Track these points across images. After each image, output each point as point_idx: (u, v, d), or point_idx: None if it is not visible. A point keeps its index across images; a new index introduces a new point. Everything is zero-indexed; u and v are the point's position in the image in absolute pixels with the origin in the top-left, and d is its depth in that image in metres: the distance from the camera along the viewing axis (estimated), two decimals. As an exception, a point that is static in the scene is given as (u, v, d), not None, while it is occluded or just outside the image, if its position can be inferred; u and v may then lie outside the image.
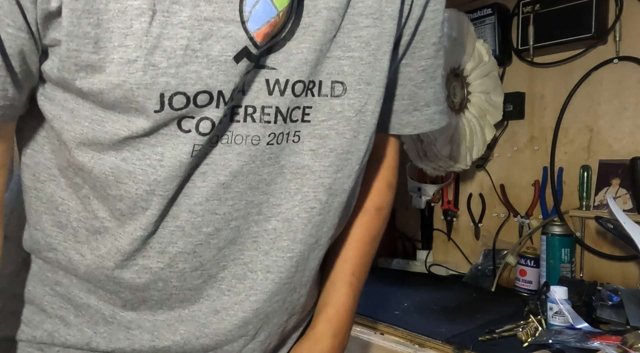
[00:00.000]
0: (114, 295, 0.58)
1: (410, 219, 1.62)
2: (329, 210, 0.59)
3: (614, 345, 0.78)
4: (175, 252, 0.55)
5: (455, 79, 1.17)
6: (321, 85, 0.55)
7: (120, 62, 0.46)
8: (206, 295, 0.59)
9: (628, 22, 1.14)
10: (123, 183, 0.51)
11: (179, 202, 0.54)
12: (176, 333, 0.59)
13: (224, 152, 0.53)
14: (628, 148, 1.14)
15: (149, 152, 0.50)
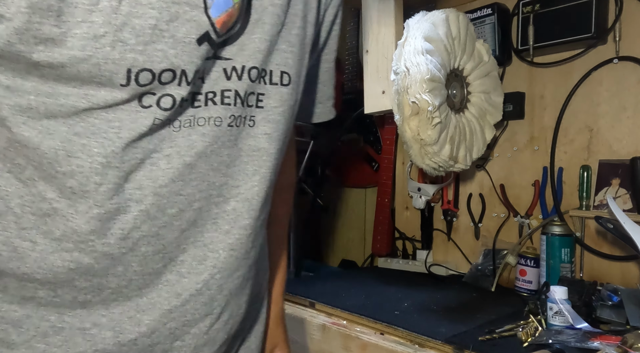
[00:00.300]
0: (62, 289, 0.55)
1: (410, 219, 1.62)
2: (274, 189, 0.66)
3: (613, 345, 0.78)
4: (139, 236, 0.55)
5: (455, 79, 1.17)
6: (272, 74, 0.60)
7: (86, 37, 0.47)
8: (165, 280, 0.59)
9: (628, 22, 1.14)
10: (75, 158, 0.51)
11: (144, 185, 0.54)
12: (141, 325, 0.58)
13: (187, 134, 0.55)
14: (628, 148, 1.14)
15: (105, 127, 0.51)
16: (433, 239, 1.53)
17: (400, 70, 1.04)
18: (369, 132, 1.84)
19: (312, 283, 1.32)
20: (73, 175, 0.52)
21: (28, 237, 0.53)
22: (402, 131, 1.07)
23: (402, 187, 1.62)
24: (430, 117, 1.02)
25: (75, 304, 0.56)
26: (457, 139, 1.13)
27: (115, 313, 0.57)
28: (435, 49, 1.07)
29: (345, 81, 1.96)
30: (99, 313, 0.57)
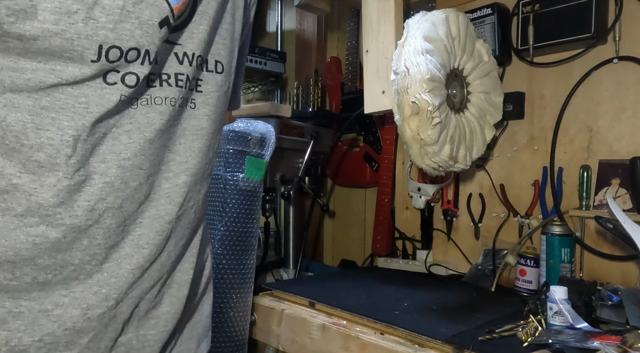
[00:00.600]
0: (21, 270, 0.56)
1: (410, 219, 1.62)
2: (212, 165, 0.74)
3: (613, 345, 0.78)
4: (104, 208, 0.58)
5: (455, 78, 1.17)
6: (208, 63, 0.67)
7: (58, 12, 0.50)
8: (124, 254, 0.62)
9: (628, 22, 1.14)
10: (45, 130, 0.53)
11: (107, 159, 0.58)
12: (108, 299, 0.61)
13: (146, 112, 0.60)
14: (628, 148, 1.14)
15: (72, 102, 0.54)
16: (433, 239, 1.53)
17: (400, 70, 1.04)
18: (369, 132, 1.85)
19: (312, 283, 1.32)
20: (42, 147, 0.54)
21: None
22: (402, 131, 1.07)
23: (402, 187, 1.62)
24: (430, 117, 1.02)
25: (34, 286, 0.57)
26: (457, 139, 1.13)
27: (76, 291, 0.59)
28: (435, 49, 1.07)
29: (345, 81, 1.96)
30: (59, 294, 0.59)
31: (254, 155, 1.17)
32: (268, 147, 1.20)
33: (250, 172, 1.16)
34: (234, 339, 1.13)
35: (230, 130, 1.16)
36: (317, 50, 2.16)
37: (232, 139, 1.16)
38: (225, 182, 1.15)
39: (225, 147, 1.16)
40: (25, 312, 0.57)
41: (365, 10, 1.18)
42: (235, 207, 1.15)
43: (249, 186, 1.16)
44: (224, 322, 1.12)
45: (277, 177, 1.65)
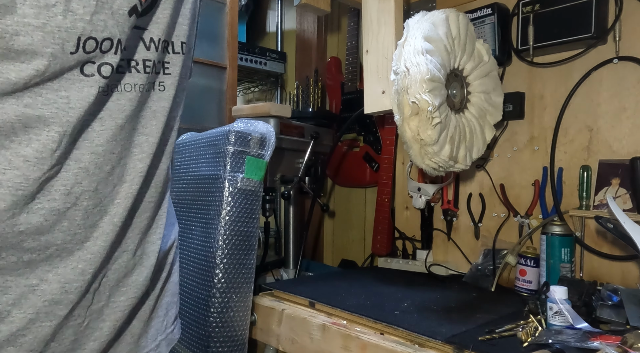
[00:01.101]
0: (7, 252, 0.59)
1: (410, 219, 1.62)
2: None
3: (613, 345, 0.78)
4: (81, 191, 0.62)
5: (455, 78, 1.17)
6: (174, 45, 0.69)
7: (37, 5, 0.50)
8: (102, 232, 0.66)
9: (628, 22, 1.14)
10: (32, 128, 0.55)
11: (80, 145, 0.61)
12: (85, 273, 0.65)
13: (116, 99, 0.63)
14: (628, 148, 1.14)
15: (53, 97, 0.56)
16: (433, 239, 1.53)
17: (400, 70, 1.04)
18: (369, 132, 1.85)
19: (312, 283, 1.32)
20: (30, 143, 0.56)
21: None
22: (402, 131, 1.07)
23: (402, 187, 1.62)
24: (430, 117, 1.02)
25: (19, 265, 0.61)
26: (457, 139, 1.13)
27: (59, 267, 0.64)
28: (435, 49, 1.07)
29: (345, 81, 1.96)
30: (43, 270, 0.63)
31: (254, 156, 1.17)
32: (268, 147, 1.19)
33: (251, 172, 1.16)
34: (233, 339, 1.13)
35: (230, 130, 1.16)
36: (317, 50, 2.16)
37: (232, 139, 1.16)
38: (225, 183, 1.15)
39: (225, 148, 1.16)
40: (12, 287, 0.61)
41: (365, 10, 1.18)
42: (235, 208, 1.15)
43: (249, 186, 1.16)
44: (224, 322, 1.12)
45: (277, 177, 1.65)
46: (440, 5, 1.45)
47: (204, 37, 1.72)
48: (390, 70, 1.08)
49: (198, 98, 1.70)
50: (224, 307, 1.11)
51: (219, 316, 1.11)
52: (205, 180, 1.24)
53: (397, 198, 1.66)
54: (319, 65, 2.13)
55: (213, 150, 1.22)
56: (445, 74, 1.10)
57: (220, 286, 1.12)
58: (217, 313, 1.11)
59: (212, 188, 1.20)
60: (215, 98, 1.75)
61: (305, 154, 1.70)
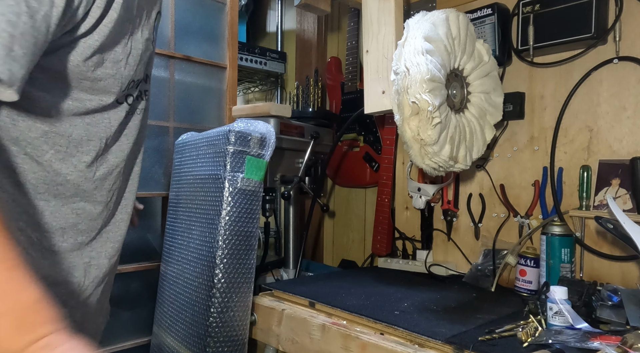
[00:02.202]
0: (67, 234, 0.79)
1: (410, 219, 1.62)
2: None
3: (613, 345, 0.78)
4: (116, 188, 0.86)
5: (455, 79, 1.17)
6: (149, 76, 0.90)
7: (113, 61, 0.75)
8: (119, 218, 0.89)
9: (628, 22, 1.14)
10: (92, 140, 0.78)
11: (118, 155, 0.84)
12: (117, 249, 0.90)
13: (133, 120, 0.85)
14: (628, 148, 1.14)
15: (102, 119, 0.78)
16: (433, 239, 1.53)
17: (401, 70, 1.04)
18: (369, 132, 1.85)
19: (312, 283, 1.32)
20: (89, 152, 0.78)
21: (43, 198, 0.75)
22: (402, 131, 1.07)
23: (402, 187, 1.62)
24: (430, 117, 1.02)
25: (75, 246, 0.81)
26: (457, 139, 1.13)
27: (97, 247, 0.85)
28: (435, 49, 1.07)
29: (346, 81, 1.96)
30: (89, 250, 0.84)
31: (254, 156, 1.17)
32: (268, 147, 1.19)
33: (251, 172, 1.16)
34: (233, 339, 1.13)
35: (230, 131, 1.15)
36: (317, 50, 2.16)
37: (232, 139, 1.15)
38: (225, 183, 1.15)
39: (225, 148, 1.16)
40: (78, 264, 0.82)
41: (366, 10, 1.18)
42: (235, 208, 1.15)
43: (249, 186, 1.16)
44: (224, 322, 1.12)
45: (277, 177, 1.65)
46: (440, 5, 1.45)
47: (204, 37, 1.72)
48: (391, 71, 1.08)
49: (198, 98, 1.70)
50: (223, 306, 1.11)
51: (218, 316, 1.11)
52: (205, 180, 1.24)
53: (397, 198, 1.66)
54: (319, 65, 2.13)
55: (213, 150, 1.22)
56: (445, 74, 1.10)
57: (220, 286, 1.12)
58: (217, 313, 1.11)
59: (212, 189, 1.20)
60: (215, 98, 1.75)
61: (305, 154, 1.70)
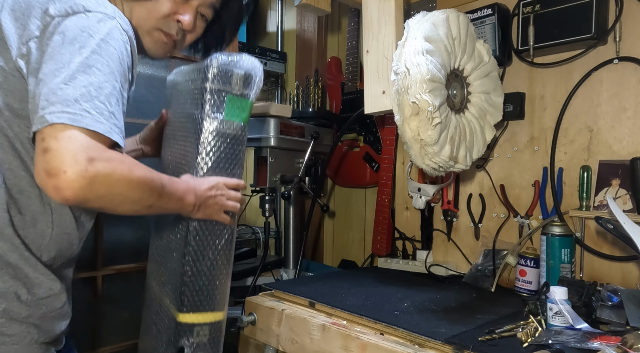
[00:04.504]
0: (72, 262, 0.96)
1: (410, 219, 1.62)
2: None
3: (613, 346, 0.78)
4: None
5: (455, 79, 1.17)
6: None
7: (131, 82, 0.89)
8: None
9: (628, 23, 1.14)
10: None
11: None
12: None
13: None
14: (628, 148, 1.14)
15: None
16: (433, 239, 1.53)
17: (401, 71, 1.04)
18: (369, 132, 1.85)
19: (312, 284, 1.32)
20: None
21: (68, 239, 0.90)
22: (402, 131, 1.07)
23: (402, 187, 1.62)
24: (430, 118, 1.02)
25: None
26: (457, 139, 1.13)
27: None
28: (436, 49, 1.07)
29: (346, 81, 1.96)
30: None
31: (236, 95, 1.02)
32: (254, 85, 1.05)
33: (232, 113, 1.02)
34: (208, 289, 1.02)
35: (208, 66, 1.00)
36: (317, 50, 2.16)
37: (210, 76, 0.99)
38: (203, 124, 1.00)
39: (202, 85, 1.01)
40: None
41: (366, 10, 1.18)
42: (213, 153, 1.00)
43: (230, 130, 1.02)
44: (199, 271, 1.01)
45: (277, 177, 1.65)
46: (440, 5, 1.45)
47: (204, 37, 1.71)
48: (391, 71, 1.08)
49: (198, 98, 1.69)
50: (199, 255, 1.00)
51: (194, 264, 1.00)
52: (183, 123, 1.10)
53: (397, 198, 1.66)
54: (319, 65, 2.13)
55: (192, 87, 1.07)
56: (445, 75, 1.10)
57: (196, 234, 0.99)
58: (192, 261, 1.00)
59: (190, 132, 1.05)
60: (216, 98, 1.75)
61: (305, 154, 1.70)
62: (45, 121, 0.71)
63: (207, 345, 1.02)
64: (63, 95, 0.72)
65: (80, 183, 0.70)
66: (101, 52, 0.77)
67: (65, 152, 0.70)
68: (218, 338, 1.04)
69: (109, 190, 0.73)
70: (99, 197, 0.73)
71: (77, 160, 0.69)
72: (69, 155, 0.69)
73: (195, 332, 1.00)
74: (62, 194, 0.70)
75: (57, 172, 0.69)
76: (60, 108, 0.71)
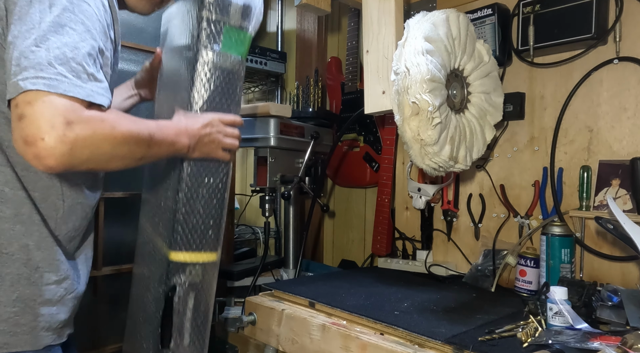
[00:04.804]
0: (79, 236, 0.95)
1: (410, 219, 1.62)
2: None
3: (613, 346, 0.78)
4: None
5: (455, 79, 1.17)
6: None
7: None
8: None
9: (628, 23, 1.14)
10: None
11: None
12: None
13: None
14: (628, 148, 1.14)
15: None
16: (433, 239, 1.53)
17: (401, 71, 1.04)
18: (369, 132, 1.85)
19: (312, 283, 1.32)
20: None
21: (82, 209, 0.90)
22: (402, 131, 1.07)
23: (402, 187, 1.62)
24: (430, 118, 1.02)
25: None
26: (457, 139, 1.13)
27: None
28: (436, 49, 1.07)
29: (346, 81, 1.96)
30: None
31: (235, 26, 0.96)
32: (252, 17, 0.99)
33: (229, 45, 0.96)
34: (201, 229, 0.99)
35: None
36: (317, 50, 2.16)
37: (206, 4, 0.94)
38: (197, 56, 0.94)
39: (197, 15, 0.94)
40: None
41: (366, 10, 1.18)
42: (210, 87, 0.95)
43: (227, 63, 0.96)
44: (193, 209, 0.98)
45: (277, 177, 1.65)
46: (440, 5, 1.45)
47: (204, 36, 1.71)
48: (391, 71, 1.08)
49: (198, 98, 1.69)
50: (193, 193, 0.97)
51: (187, 203, 0.97)
52: (178, 58, 1.05)
53: (397, 198, 1.66)
54: (319, 65, 2.13)
55: (187, 19, 1.01)
56: (445, 75, 1.10)
57: (190, 170, 0.96)
58: (186, 198, 0.97)
59: (184, 65, 1.00)
60: (216, 98, 1.75)
61: (305, 154, 1.70)
62: (19, 88, 0.67)
63: (199, 285, 0.99)
64: (35, 58, 0.67)
65: (61, 150, 0.66)
66: (74, 9, 0.72)
67: (41, 117, 0.66)
68: (210, 280, 1.01)
69: (92, 152, 0.70)
70: (83, 161, 0.70)
71: (53, 125, 0.66)
72: (45, 120, 0.66)
73: (188, 271, 0.97)
74: (44, 163, 0.66)
75: (35, 139, 0.65)
76: (34, 73, 0.67)
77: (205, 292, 1.01)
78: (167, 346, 0.96)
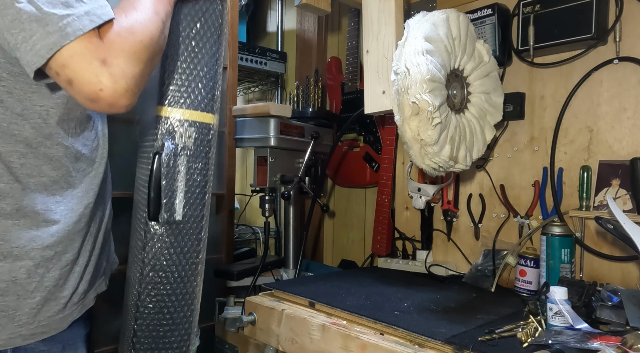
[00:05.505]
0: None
1: (410, 219, 1.62)
2: None
3: (613, 346, 0.78)
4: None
5: (455, 79, 1.17)
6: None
7: None
8: None
9: (628, 23, 1.14)
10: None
11: None
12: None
13: None
14: (628, 148, 1.14)
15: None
16: (433, 239, 1.53)
17: (401, 71, 1.04)
18: (369, 132, 1.85)
19: (312, 283, 1.32)
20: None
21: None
22: (402, 131, 1.07)
23: (402, 187, 1.62)
24: (430, 118, 1.02)
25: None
26: (457, 139, 1.13)
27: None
28: (436, 49, 1.07)
29: (346, 81, 1.96)
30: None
31: None
32: None
33: None
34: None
35: None
36: (317, 50, 2.16)
37: None
38: None
39: None
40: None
41: (366, 10, 1.18)
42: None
43: None
44: (192, 80, 0.91)
45: (277, 177, 1.65)
46: (440, 5, 1.45)
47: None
48: (391, 71, 1.08)
49: (198, 97, 1.69)
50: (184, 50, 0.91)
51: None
52: None
53: (397, 198, 1.66)
54: (319, 65, 2.13)
55: None
56: (445, 75, 1.10)
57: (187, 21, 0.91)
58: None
59: None
60: (216, 98, 1.75)
61: (305, 154, 1.70)
62: (41, 56, 0.67)
63: (192, 148, 0.90)
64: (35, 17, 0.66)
65: (122, 86, 0.69)
66: None
67: (82, 74, 0.68)
68: (206, 145, 0.93)
69: (140, 60, 0.72)
70: (143, 70, 0.73)
71: (96, 73, 0.68)
72: (87, 75, 0.68)
73: (179, 132, 0.90)
74: (121, 104, 0.70)
75: (96, 96, 0.68)
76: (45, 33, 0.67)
77: (201, 157, 0.92)
78: (156, 219, 0.88)
